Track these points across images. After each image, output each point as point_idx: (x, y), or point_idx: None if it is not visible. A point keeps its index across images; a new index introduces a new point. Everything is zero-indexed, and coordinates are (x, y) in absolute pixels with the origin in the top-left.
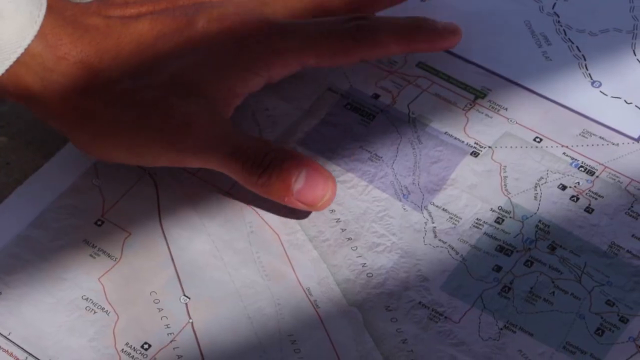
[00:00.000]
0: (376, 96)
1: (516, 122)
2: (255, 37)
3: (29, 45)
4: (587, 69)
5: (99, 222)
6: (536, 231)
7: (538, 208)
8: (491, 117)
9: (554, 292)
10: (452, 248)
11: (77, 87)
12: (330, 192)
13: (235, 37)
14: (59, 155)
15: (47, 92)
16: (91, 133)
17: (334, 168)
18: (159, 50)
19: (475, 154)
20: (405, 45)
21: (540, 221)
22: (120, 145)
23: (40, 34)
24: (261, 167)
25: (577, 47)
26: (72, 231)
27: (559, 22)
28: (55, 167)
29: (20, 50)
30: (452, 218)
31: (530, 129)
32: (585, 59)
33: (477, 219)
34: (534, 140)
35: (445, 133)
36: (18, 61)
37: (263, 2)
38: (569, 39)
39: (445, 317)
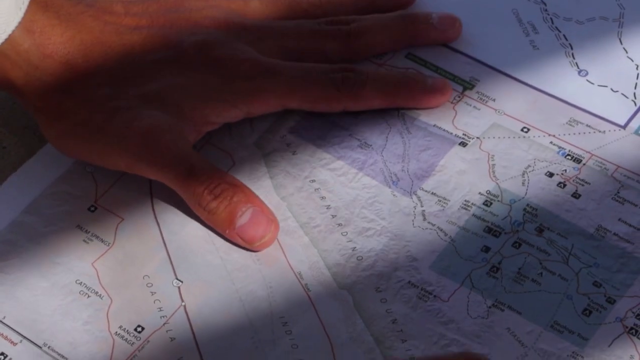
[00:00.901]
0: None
1: (504, 113)
2: (240, 75)
3: (16, 41)
4: (574, 58)
5: (92, 208)
6: (524, 214)
7: (526, 193)
8: (479, 109)
9: (541, 273)
10: (441, 230)
11: (59, 86)
12: (271, 235)
13: (221, 71)
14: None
15: (29, 87)
16: (60, 130)
17: (324, 156)
18: (144, 66)
19: (463, 144)
20: (391, 101)
21: (528, 205)
22: (83, 146)
23: (29, 31)
24: (211, 195)
25: (564, 35)
26: (65, 217)
27: (546, 10)
28: (49, 154)
29: (4, 36)
30: (440, 201)
31: (518, 120)
32: (572, 48)
33: (465, 200)
34: (522, 130)
35: (434, 125)
36: (4, 55)
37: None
38: (556, 27)
39: (434, 296)
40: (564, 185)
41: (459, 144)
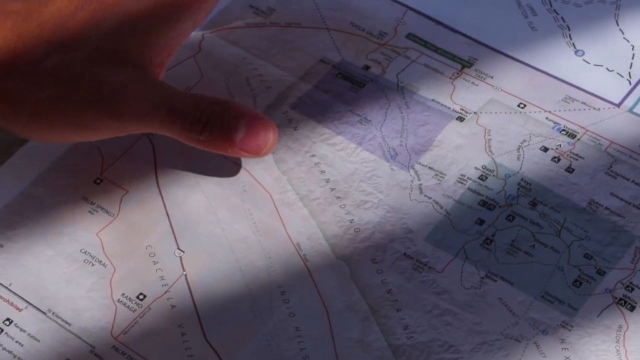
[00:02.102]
0: (366, 67)
1: (501, 90)
2: None
3: None
4: (571, 39)
5: (98, 181)
6: (518, 188)
7: (520, 167)
8: (477, 85)
9: (534, 245)
10: (437, 203)
11: (3, 73)
12: (272, 137)
13: None
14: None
15: None
16: (25, 116)
17: (324, 131)
18: (78, 23)
19: (460, 119)
20: None
21: (522, 179)
22: (57, 123)
23: None
24: (201, 123)
25: (562, 17)
26: (72, 189)
27: None
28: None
29: None
30: (437, 175)
31: (515, 96)
32: (569, 29)
33: (461, 174)
34: (518, 106)
35: (433, 100)
36: None
37: None
38: (554, 9)
39: (429, 267)
40: (558, 160)
41: (457, 118)
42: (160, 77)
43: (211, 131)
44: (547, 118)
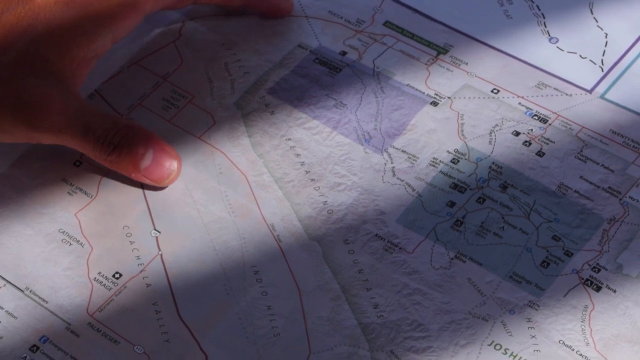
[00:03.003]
0: (343, 53)
1: (475, 75)
2: (94, 2)
3: None
4: (545, 27)
5: (78, 163)
6: (489, 171)
7: (492, 151)
8: (452, 71)
9: (503, 227)
10: (409, 185)
11: None
12: (177, 169)
13: (73, 6)
14: None
15: None
16: None
17: (300, 115)
18: (5, 26)
19: (434, 104)
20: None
21: (493, 163)
22: None
23: None
24: (111, 145)
25: (537, 6)
26: (51, 171)
27: None
28: None
29: None
30: (410, 158)
31: (489, 82)
32: (544, 17)
33: (433, 158)
34: (492, 91)
35: (407, 85)
36: None
37: None
38: None
39: (400, 248)
40: (529, 144)
41: (430, 103)
42: (78, 88)
43: (119, 154)
44: (519, 103)
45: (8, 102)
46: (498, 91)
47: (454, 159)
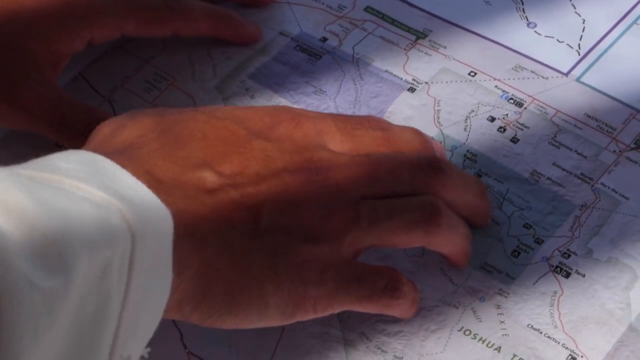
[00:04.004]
0: (324, 39)
1: (453, 59)
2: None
3: None
4: (524, 12)
5: (60, 144)
6: (464, 160)
7: (467, 139)
8: (430, 55)
9: None
10: None
11: None
12: None
13: (57, 1)
14: None
15: None
16: None
17: (280, 100)
18: None
19: (412, 90)
20: (214, 30)
21: (468, 151)
22: None
23: None
24: (84, 136)
25: None
26: (34, 152)
27: None
28: None
29: None
30: None
31: (466, 64)
32: (522, 3)
33: None
34: (469, 74)
35: (386, 71)
36: None
37: None
38: None
39: None
40: (504, 130)
41: (408, 89)
42: (55, 81)
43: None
44: (496, 86)
45: None
46: (475, 74)
47: None
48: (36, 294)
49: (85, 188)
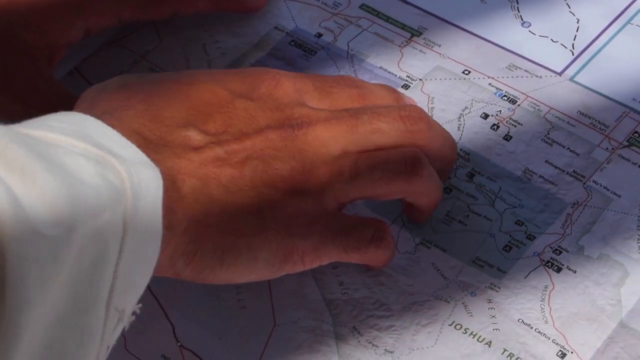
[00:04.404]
0: (319, 35)
1: (448, 57)
2: None
3: None
4: (518, 11)
5: None
6: (457, 159)
7: (460, 138)
8: (425, 53)
9: (468, 215)
10: None
11: None
12: None
13: None
14: None
15: None
16: None
17: None
18: None
19: (406, 87)
20: (214, 3)
21: (461, 149)
22: None
23: None
24: None
25: None
26: None
27: None
28: None
29: None
30: None
31: (460, 63)
32: (517, 2)
33: None
34: (463, 72)
35: (380, 67)
36: None
37: None
38: None
39: None
40: (497, 127)
41: (402, 86)
42: (50, 73)
43: None
44: (490, 84)
45: None
46: (469, 72)
47: None
48: (41, 241)
49: (80, 145)
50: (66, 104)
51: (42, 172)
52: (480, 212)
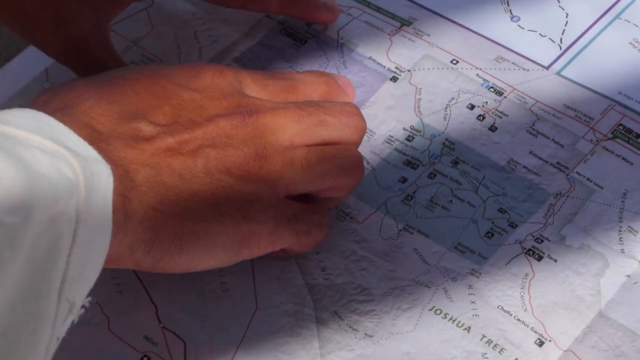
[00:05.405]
0: (309, 23)
1: (436, 46)
2: None
3: None
4: (508, 5)
5: None
6: (442, 148)
7: (446, 127)
8: (414, 42)
9: (451, 201)
10: (364, 158)
11: None
12: None
13: None
14: (12, 62)
15: None
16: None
17: None
18: None
19: (394, 79)
20: (286, 8)
21: (447, 139)
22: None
23: None
24: None
25: None
26: None
27: None
28: (8, 72)
29: None
30: (367, 132)
31: (449, 52)
32: None
33: (389, 135)
34: (451, 62)
35: (369, 58)
36: None
37: None
38: None
39: (351, 218)
40: (483, 118)
41: (390, 79)
42: (108, 31)
43: None
44: (477, 75)
45: (47, 16)
46: (457, 62)
47: (409, 136)
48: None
49: (36, 139)
50: (112, 63)
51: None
52: (463, 197)
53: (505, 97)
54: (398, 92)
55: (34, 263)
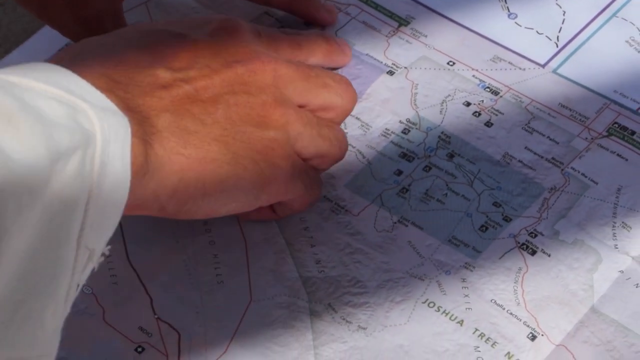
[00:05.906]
0: (308, 24)
1: (433, 48)
2: None
3: None
4: (505, 2)
5: None
6: (438, 141)
7: (442, 121)
8: (411, 43)
9: (446, 194)
10: (360, 152)
11: None
12: None
13: None
14: (11, 54)
15: None
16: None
17: None
18: None
19: (391, 73)
20: (288, 3)
21: (442, 132)
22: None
23: None
24: None
25: None
26: None
27: None
28: (11, 62)
29: None
30: (363, 126)
31: (445, 54)
32: None
33: (385, 128)
34: (447, 63)
35: (367, 54)
36: None
37: None
38: None
39: (346, 210)
40: (479, 114)
41: (387, 72)
42: (122, 11)
43: None
44: (473, 76)
45: (64, 12)
46: (454, 63)
47: (405, 129)
48: (18, 176)
49: (53, 90)
50: None
51: (18, 112)
52: (458, 191)
53: (501, 96)
54: (394, 85)
55: (51, 210)
